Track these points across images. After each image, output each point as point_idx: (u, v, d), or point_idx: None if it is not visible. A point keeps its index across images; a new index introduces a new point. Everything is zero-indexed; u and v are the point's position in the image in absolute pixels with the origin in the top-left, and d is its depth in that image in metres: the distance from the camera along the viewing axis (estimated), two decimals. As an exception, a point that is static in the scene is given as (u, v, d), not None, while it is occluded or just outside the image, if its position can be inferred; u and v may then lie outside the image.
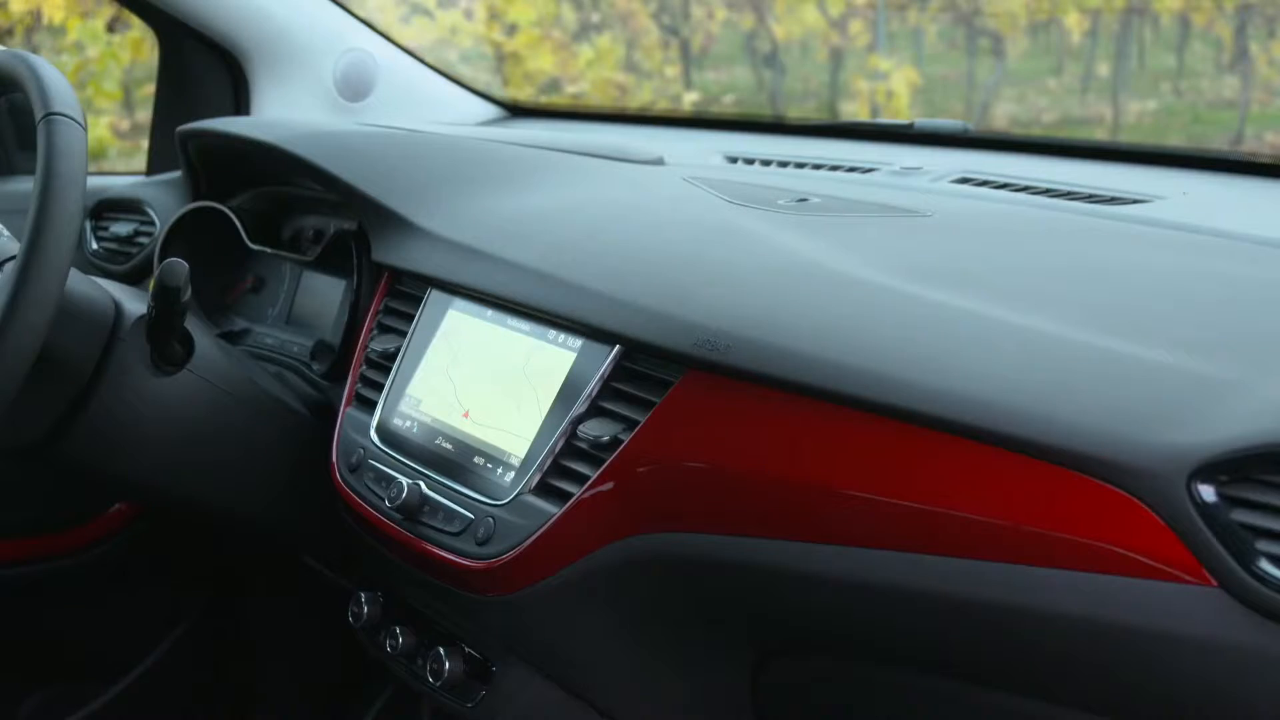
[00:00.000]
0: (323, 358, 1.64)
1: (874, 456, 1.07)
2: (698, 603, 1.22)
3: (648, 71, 8.36)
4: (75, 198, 1.30)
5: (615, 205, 1.53)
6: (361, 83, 2.17)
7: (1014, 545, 0.99)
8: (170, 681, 2.16)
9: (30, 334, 1.25)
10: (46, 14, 6.27)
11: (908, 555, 1.04)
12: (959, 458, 1.02)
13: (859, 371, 1.08)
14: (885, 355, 1.09)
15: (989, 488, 1.00)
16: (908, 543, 1.04)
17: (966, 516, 1.01)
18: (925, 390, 1.04)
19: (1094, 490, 0.95)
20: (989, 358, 1.06)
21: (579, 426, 1.24)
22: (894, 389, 1.06)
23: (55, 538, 2.05)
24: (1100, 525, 0.95)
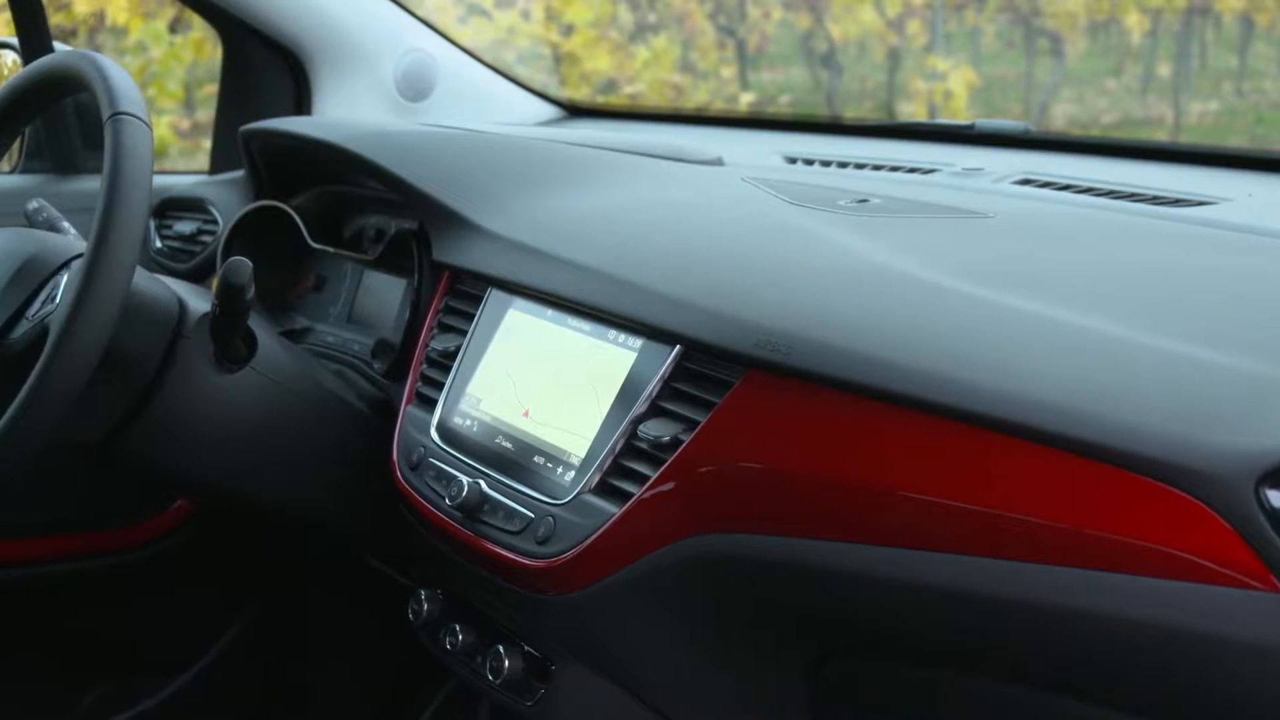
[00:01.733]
0: (383, 356, 1.65)
1: (935, 459, 1.07)
2: (756, 603, 1.21)
3: (703, 72, 8.36)
4: (141, 197, 1.31)
5: (675, 205, 1.53)
6: (422, 82, 2.18)
7: (1075, 549, 0.98)
8: (228, 678, 2.18)
9: (97, 331, 1.26)
10: (110, 15, 6.34)
11: (967, 558, 1.04)
12: (1021, 461, 1.01)
13: (921, 373, 1.07)
14: (947, 356, 1.08)
15: (1050, 491, 1.00)
16: (968, 546, 1.04)
17: (1027, 520, 1.01)
18: (988, 392, 1.04)
19: (1158, 494, 0.94)
20: (1052, 360, 1.06)
21: (639, 426, 1.24)
22: (956, 391, 1.05)
23: (117, 533, 2.08)
24: (1164, 529, 0.94)
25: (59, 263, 1.42)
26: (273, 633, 2.20)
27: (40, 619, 2.12)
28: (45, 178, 2.12)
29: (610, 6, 7.73)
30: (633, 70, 7.48)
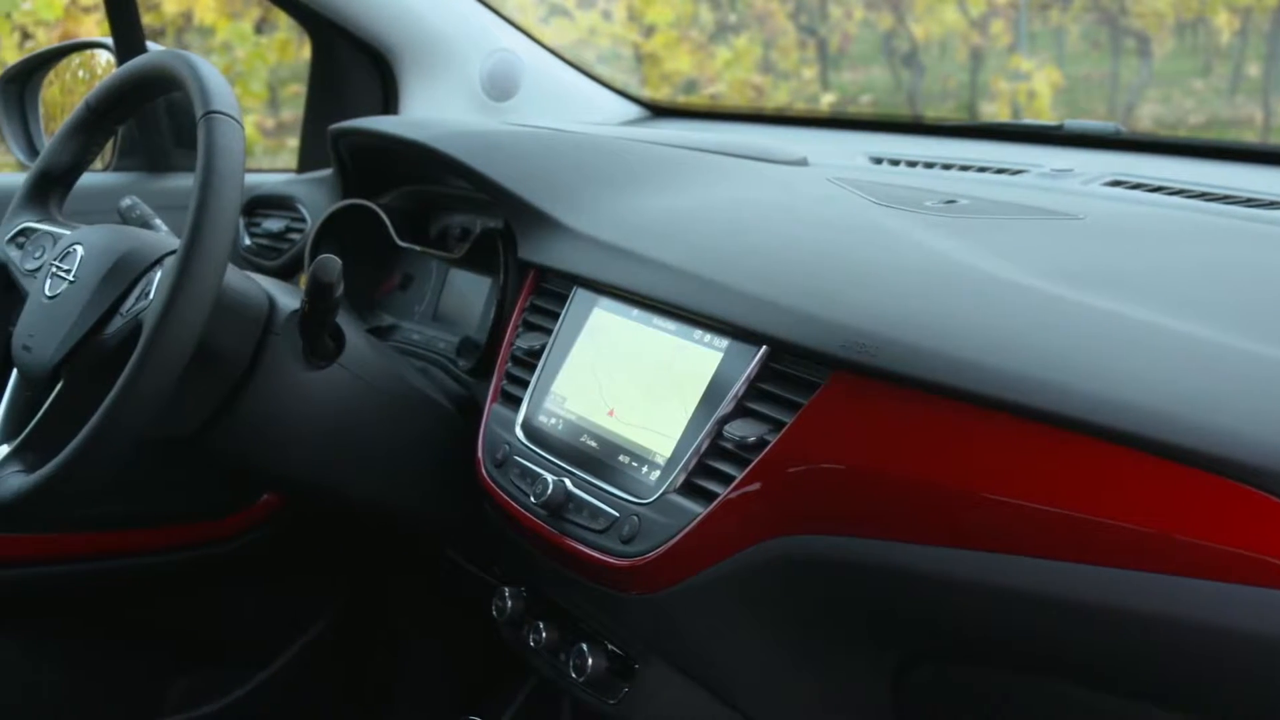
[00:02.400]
0: (468, 354, 1.66)
1: (1024, 462, 1.05)
2: (840, 605, 1.21)
3: (784, 72, 8.34)
4: (233, 194, 1.32)
5: (761, 206, 1.53)
6: (508, 82, 2.19)
7: (1166, 555, 0.97)
8: (312, 671, 2.20)
9: (189, 327, 1.28)
10: (197, 15, 6.42)
11: (1056, 563, 1.03)
12: (1112, 465, 1.00)
13: (1010, 375, 1.06)
14: (1037, 359, 1.07)
15: (1142, 496, 0.98)
16: (1057, 550, 1.03)
17: (1118, 524, 0.99)
18: (1079, 396, 1.02)
19: (1253, 501, 0.93)
20: (1144, 363, 1.04)
21: (725, 427, 1.24)
22: (1047, 394, 1.04)
23: (205, 526, 2.11)
24: (1260, 537, 0.93)
25: (152, 259, 1.43)
26: (357, 627, 2.22)
27: (131, 610, 2.16)
28: (137, 175, 2.15)
29: (691, 6, 7.73)
30: (713, 70, 7.48)
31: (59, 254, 1.47)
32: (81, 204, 1.66)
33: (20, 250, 1.54)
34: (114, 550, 2.06)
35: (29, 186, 1.58)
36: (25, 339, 1.44)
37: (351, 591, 2.23)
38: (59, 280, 1.44)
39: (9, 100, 2.17)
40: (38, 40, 6.09)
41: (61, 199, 1.60)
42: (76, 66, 2.20)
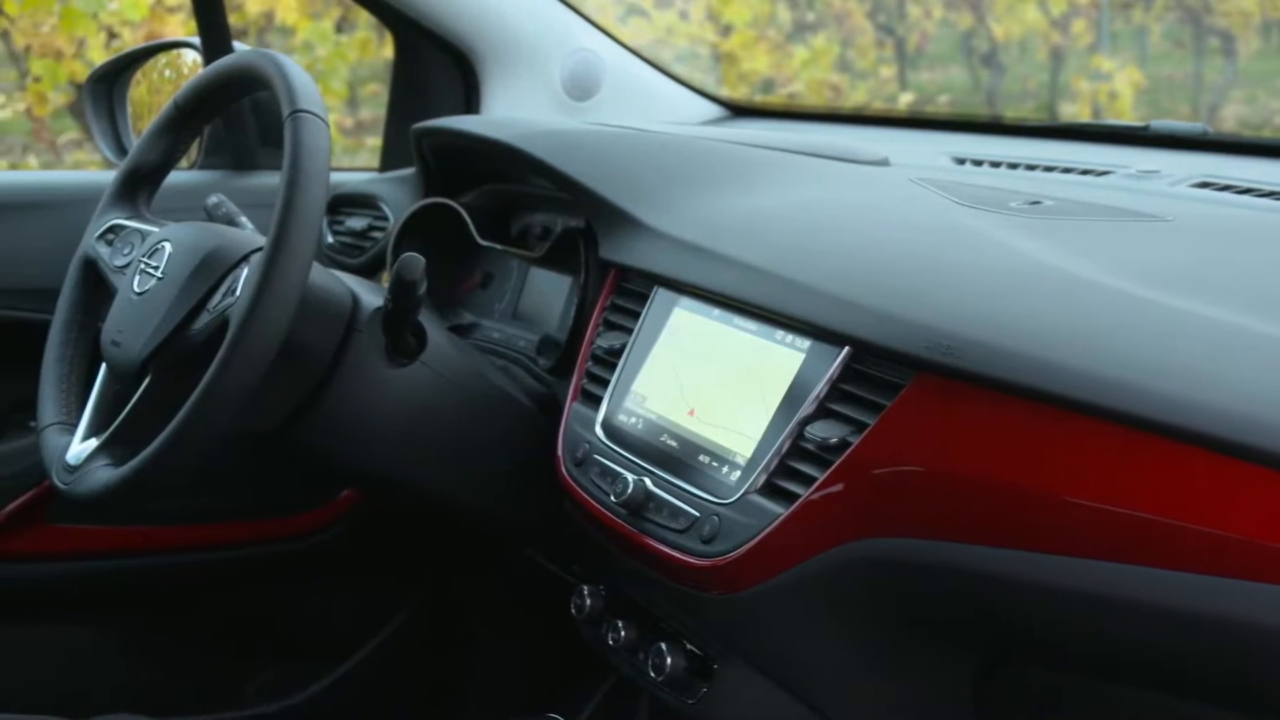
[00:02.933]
0: (548, 353, 1.66)
1: (1109, 466, 1.04)
2: (921, 609, 1.20)
3: (861, 72, 8.30)
4: (319, 193, 1.33)
5: (843, 206, 1.52)
6: (589, 82, 2.20)
7: (1250, 561, 0.95)
8: (390, 666, 2.22)
9: (275, 324, 1.29)
10: (279, 15, 6.49)
11: (1143, 569, 1.01)
12: (1201, 470, 0.99)
13: (1096, 378, 1.05)
14: (1125, 362, 1.06)
15: (1225, 501, 0.97)
16: (1144, 556, 1.01)
17: (1201, 530, 0.98)
18: (1164, 398, 1.01)
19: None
20: (1234, 367, 1.03)
21: (806, 428, 1.23)
22: (1133, 397, 1.03)
23: (286, 521, 2.13)
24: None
25: (239, 256, 1.45)
26: (434, 624, 2.24)
27: (212, 603, 2.18)
28: (223, 173, 2.18)
29: (769, 6, 7.71)
30: (791, 70, 7.46)
31: (147, 251, 1.49)
32: (168, 201, 1.68)
33: (109, 247, 1.56)
34: (196, 544, 2.09)
35: (118, 184, 1.60)
36: (114, 334, 1.46)
37: (429, 589, 2.24)
38: (147, 277, 1.46)
39: (98, 99, 2.20)
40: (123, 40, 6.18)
41: (150, 196, 1.62)
42: (163, 66, 2.22)
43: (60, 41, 6.10)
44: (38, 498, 1.98)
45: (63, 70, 6.14)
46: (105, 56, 6.06)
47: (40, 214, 2.01)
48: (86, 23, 5.92)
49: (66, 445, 1.47)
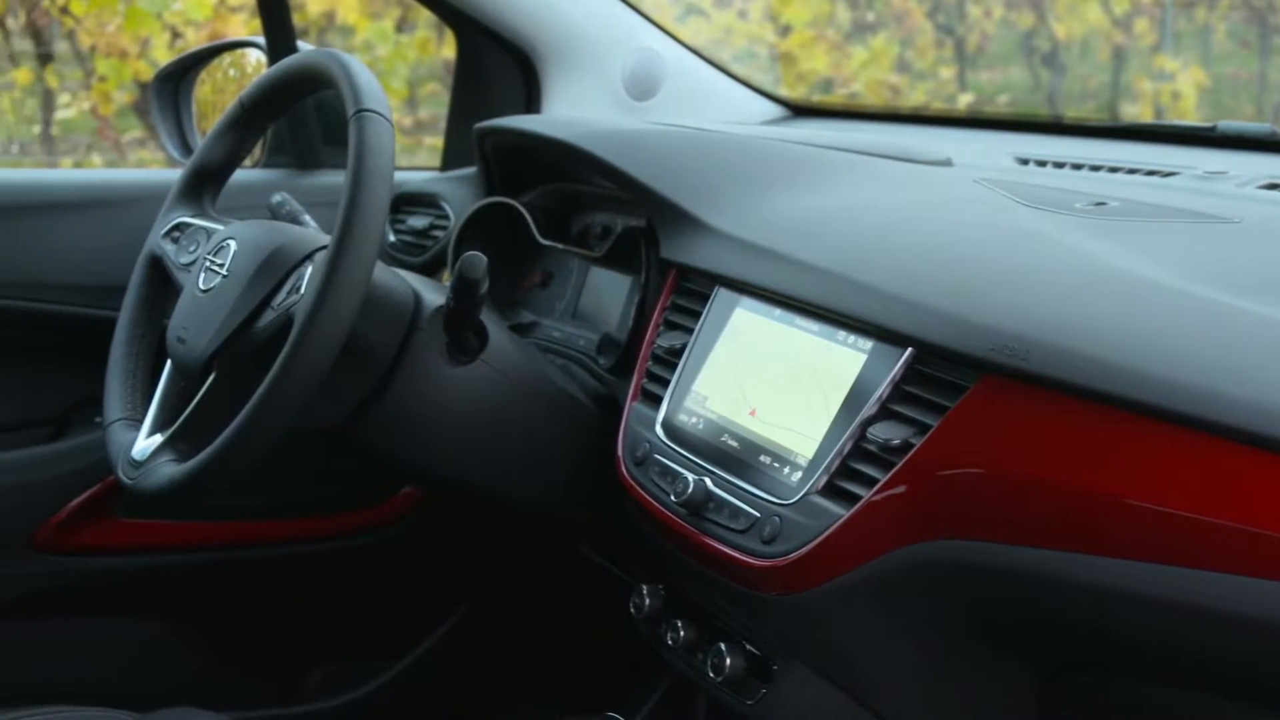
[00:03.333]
0: (609, 352, 1.66)
1: (1174, 469, 1.03)
2: (985, 612, 1.20)
3: (920, 72, 8.26)
4: (383, 191, 1.34)
5: (906, 206, 1.52)
6: (650, 81, 2.20)
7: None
8: (448, 664, 2.23)
9: (339, 322, 1.30)
10: (340, 15, 6.53)
11: (1211, 574, 1.01)
12: (1267, 474, 0.98)
13: (1162, 381, 1.04)
14: (1192, 365, 1.05)
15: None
16: (1212, 562, 1.01)
17: (1274, 536, 0.97)
18: (1231, 401, 1.00)
19: None
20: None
21: (869, 429, 1.23)
22: (1199, 400, 1.02)
23: (346, 518, 2.14)
24: None
25: (303, 254, 1.46)
26: (491, 622, 2.24)
27: (273, 598, 2.20)
28: (286, 172, 2.19)
29: (828, 6, 7.68)
30: (850, 70, 7.43)
31: (213, 248, 1.50)
32: (232, 200, 1.70)
33: (175, 245, 1.58)
34: (258, 540, 2.11)
35: (184, 182, 1.62)
36: (180, 331, 1.48)
37: (486, 587, 2.25)
38: (213, 274, 1.47)
39: (163, 98, 2.22)
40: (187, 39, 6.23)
41: (215, 195, 1.63)
42: (227, 65, 2.24)
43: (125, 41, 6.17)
44: (103, 492, 2.00)
45: (127, 69, 6.21)
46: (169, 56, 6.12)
47: (106, 212, 2.03)
48: (151, 22, 5.98)
49: (132, 441, 1.48)
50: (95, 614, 2.10)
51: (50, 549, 2.00)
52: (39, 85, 7.56)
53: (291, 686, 2.19)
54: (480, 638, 2.25)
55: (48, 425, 2.05)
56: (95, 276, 1.98)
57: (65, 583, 2.03)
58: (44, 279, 1.98)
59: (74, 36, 6.77)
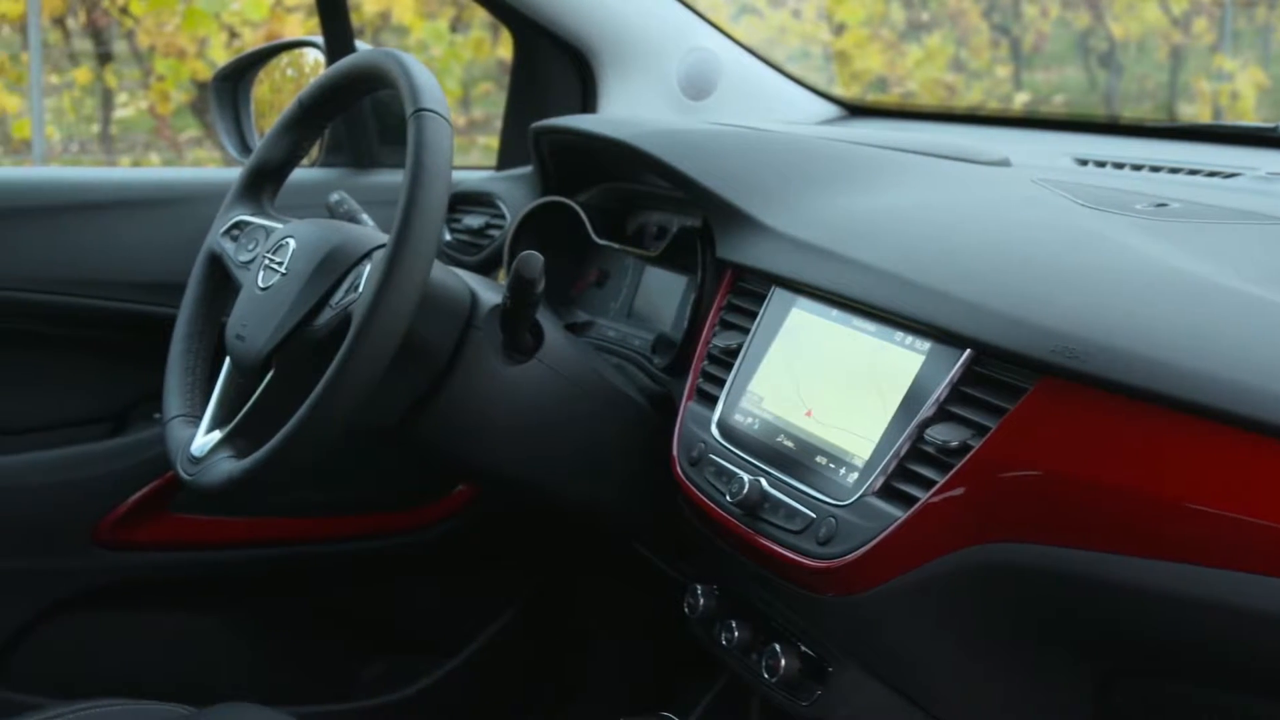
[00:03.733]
0: (664, 352, 1.66)
1: (1234, 472, 1.02)
2: (1041, 615, 1.19)
3: (975, 71, 8.22)
4: (441, 191, 1.34)
5: (964, 207, 1.51)
6: (705, 81, 2.20)
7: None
8: (501, 660, 2.23)
9: (397, 320, 1.31)
10: (396, 15, 6.56)
11: (1273, 580, 0.99)
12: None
13: (1226, 383, 1.03)
14: (1254, 368, 1.04)
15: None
16: (1269, 565, 0.99)
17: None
18: None
19: None
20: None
21: (926, 430, 1.22)
22: (1261, 402, 1.01)
23: (400, 515, 2.15)
24: None
25: (361, 253, 1.46)
26: (544, 621, 2.25)
27: (326, 595, 2.21)
28: (343, 171, 2.21)
29: (883, 5, 7.66)
30: (904, 69, 7.40)
31: (271, 247, 1.51)
32: (291, 198, 1.71)
33: (234, 243, 1.59)
34: (314, 536, 2.12)
35: (243, 181, 1.63)
36: (238, 328, 1.49)
37: (540, 585, 2.25)
38: (271, 272, 1.48)
39: (223, 98, 2.24)
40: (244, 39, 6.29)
41: (274, 193, 1.64)
42: (285, 65, 2.26)
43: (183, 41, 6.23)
44: (161, 488, 2.02)
45: (185, 69, 6.27)
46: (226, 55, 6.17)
47: (166, 210, 2.05)
48: (209, 22, 6.03)
49: (191, 437, 1.50)
50: (152, 608, 2.12)
51: (109, 544, 2.02)
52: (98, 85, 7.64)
53: (345, 682, 2.20)
54: (532, 636, 2.25)
55: (108, 421, 2.07)
56: (155, 274, 2.00)
57: (123, 577, 2.05)
58: (104, 276, 2.00)
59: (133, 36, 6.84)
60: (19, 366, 2.02)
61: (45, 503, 1.99)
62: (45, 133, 6.85)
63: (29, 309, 1.97)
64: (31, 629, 2.03)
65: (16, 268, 1.96)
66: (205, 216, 1.69)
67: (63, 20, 7.38)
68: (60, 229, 1.99)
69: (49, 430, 2.04)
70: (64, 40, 7.76)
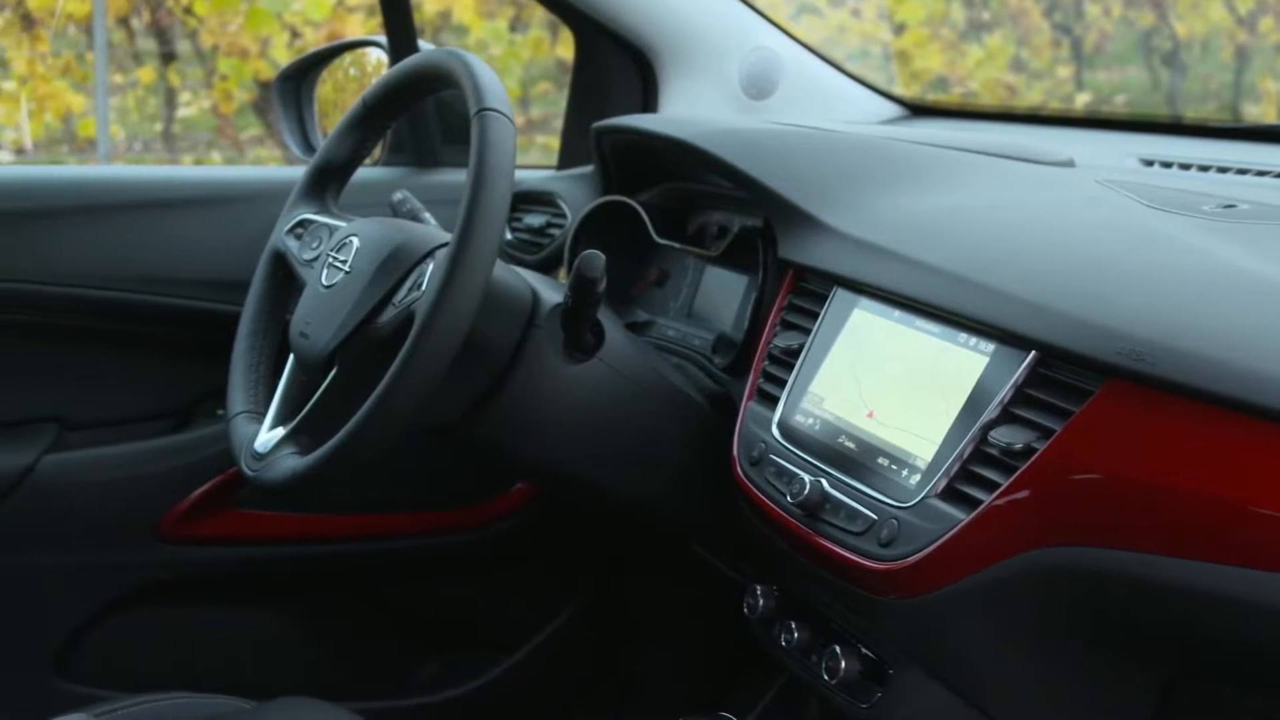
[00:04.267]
0: (724, 352, 1.66)
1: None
2: (1105, 619, 1.18)
3: (1036, 71, 8.15)
4: (505, 190, 1.35)
5: (1028, 207, 1.50)
6: (766, 81, 2.19)
7: None
8: (559, 658, 2.24)
9: (460, 318, 1.31)
10: (456, 14, 6.59)
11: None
12: None
13: (1296, 388, 1.02)
14: (1325, 372, 1.03)
15: None
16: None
17: None
18: None
19: None
20: None
21: (990, 432, 1.21)
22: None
23: (458, 514, 2.16)
24: None
25: (424, 252, 1.47)
26: (603, 618, 2.25)
27: (385, 591, 2.23)
28: (406, 170, 2.22)
29: (943, 4, 7.62)
30: (965, 69, 7.36)
31: (335, 245, 1.52)
32: (354, 197, 1.72)
33: (299, 241, 1.60)
34: (374, 533, 2.13)
35: (308, 180, 1.64)
36: (302, 326, 1.50)
37: (598, 585, 2.26)
38: (335, 270, 1.49)
39: (286, 97, 2.26)
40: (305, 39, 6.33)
41: (338, 192, 1.65)
42: (348, 64, 2.27)
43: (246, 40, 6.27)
44: (224, 484, 2.04)
45: (247, 68, 6.32)
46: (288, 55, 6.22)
47: (230, 208, 2.07)
48: (271, 22, 6.08)
49: (254, 434, 1.51)
50: (213, 603, 2.14)
51: (171, 539, 2.04)
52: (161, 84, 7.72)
53: (404, 679, 2.21)
54: (589, 634, 2.26)
55: (171, 417, 2.09)
56: (219, 272, 2.02)
57: (185, 572, 2.07)
58: (170, 274, 2.02)
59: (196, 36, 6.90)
60: (85, 363, 2.05)
61: (109, 498, 2.01)
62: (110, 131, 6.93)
63: (95, 306, 2.00)
64: (94, 623, 2.05)
65: (84, 265, 1.99)
66: (269, 215, 1.70)
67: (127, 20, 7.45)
68: (126, 227, 2.02)
69: (114, 426, 2.06)
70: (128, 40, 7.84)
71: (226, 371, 1.60)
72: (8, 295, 1.95)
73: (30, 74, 6.77)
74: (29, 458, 1.98)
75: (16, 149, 7.34)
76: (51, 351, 2.03)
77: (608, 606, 2.26)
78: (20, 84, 6.86)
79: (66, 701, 1.89)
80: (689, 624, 2.20)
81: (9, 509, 1.97)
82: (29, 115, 6.91)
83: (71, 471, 2.01)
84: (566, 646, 2.24)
